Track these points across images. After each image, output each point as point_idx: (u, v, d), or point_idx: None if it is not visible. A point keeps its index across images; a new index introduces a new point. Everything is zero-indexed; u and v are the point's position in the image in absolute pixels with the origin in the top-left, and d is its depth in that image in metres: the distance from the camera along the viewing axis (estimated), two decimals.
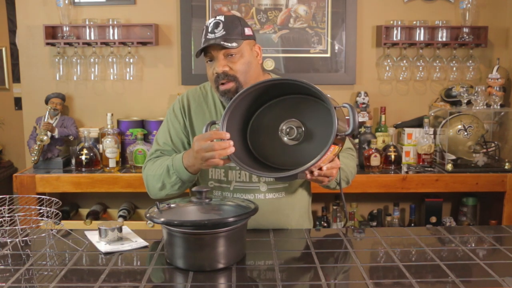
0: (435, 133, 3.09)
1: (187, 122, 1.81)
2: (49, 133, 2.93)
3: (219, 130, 1.55)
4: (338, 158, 1.61)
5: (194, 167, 1.64)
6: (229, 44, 1.64)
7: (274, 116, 1.64)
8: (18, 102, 4.42)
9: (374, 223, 3.14)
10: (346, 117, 1.49)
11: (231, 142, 1.52)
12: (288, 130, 1.57)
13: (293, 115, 1.60)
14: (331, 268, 1.42)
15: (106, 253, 1.53)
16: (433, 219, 3.08)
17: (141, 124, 3.15)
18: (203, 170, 1.75)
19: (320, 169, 1.50)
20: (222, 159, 1.53)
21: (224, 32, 1.65)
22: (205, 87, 1.87)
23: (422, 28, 3.15)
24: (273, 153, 1.64)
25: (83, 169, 2.93)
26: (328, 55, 3.23)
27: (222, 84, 1.68)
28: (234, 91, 1.67)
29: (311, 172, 1.50)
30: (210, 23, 1.68)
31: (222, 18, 1.68)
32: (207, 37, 1.67)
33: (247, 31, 1.71)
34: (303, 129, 1.57)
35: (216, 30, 1.65)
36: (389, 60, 3.21)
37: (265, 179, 1.74)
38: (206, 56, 1.70)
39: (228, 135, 1.53)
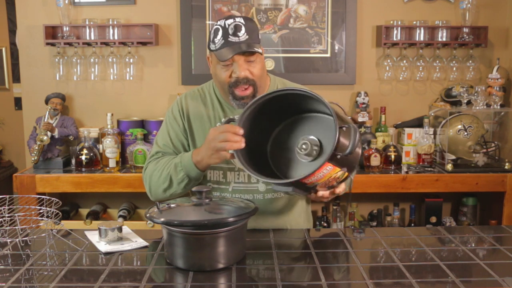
0: (435, 133, 3.09)
1: (186, 124, 1.80)
2: (49, 133, 2.93)
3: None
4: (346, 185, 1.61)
5: (203, 162, 1.62)
6: (256, 50, 1.63)
7: (294, 131, 1.65)
8: (18, 102, 4.41)
9: (374, 223, 3.14)
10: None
11: (243, 139, 1.52)
12: (304, 146, 1.57)
13: (313, 132, 1.59)
14: (331, 268, 1.42)
15: (106, 253, 1.53)
16: (433, 219, 3.08)
17: (141, 124, 3.15)
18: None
19: (316, 192, 1.51)
20: (230, 152, 1.53)
21: (248, 36, 1.63)
22: (203, 89, 1.85)
23: (422, 28, 3.15)
24: (287, 167, 1.65)
25: (83, 169, 2.93)
26: (328, 55, 3.23)
27: (245, 89, 1.66)
28: (252, 96, 1.67)
29: (313, 192, 1.51)
30: (229, 25, 1.63)
31: (242, 20, 1.65)
32: (229, 39, 1.62)
33: (260, 34, 1.72)
34: (319, 147, 1.56)
35: (239, 34, 1.62)
36: (389, 60, 3.21)
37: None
38: (223, 61, 1.65)
39: (242, 131, 1.52)
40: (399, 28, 3.15)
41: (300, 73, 3.23)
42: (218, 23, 1.66)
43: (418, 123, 3.15)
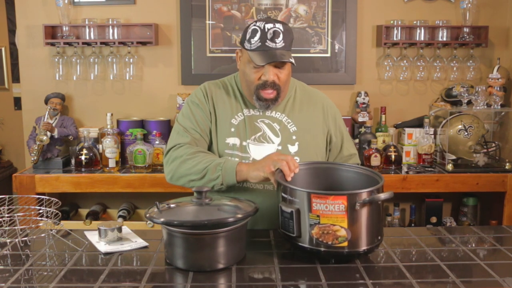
0: (435, 133, 3.09)
1: (210, 108, 1.81)
2: (48, 133, 2.93)
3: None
4: None
5: (243, 173, 1.64)
6: (291, 60, 1.68)
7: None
8: (17, 102, 4.41)
9: None
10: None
11: (297, 169, 1.56)
12: None
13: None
14: (331, 268, 1.41)
15: (106, 253, 1.52)
16: (434, 219, 3.07)
17: (141, 124, 3.14)
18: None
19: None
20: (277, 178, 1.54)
21: (284, 44, 1.69)
22: (225, 81, 1.89)
23: (422, 28, 3.15)
24: None
25: (83, 169, 2.93)
26: (328, 55, 3.23)
27: (268, 92, 1.71)
28: (275, 100, 1.73)
29: None
30: (269, 29, 1.67)
31: (281, 27, 1.69)
32: (266, 44, 1.66)
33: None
34: None
35: (277, 40, 1.67)
36: (389, 60, 3.20)
37: None
38: (260, 65, 1.69)
39: (298, 168, 1.57)
40: (399, 28, 3.15)
41: (300, 73, 3.22)
42: (257, 24, 1.69)
43: (418, 123, 3.15)
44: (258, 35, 1.67)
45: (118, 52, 3.22)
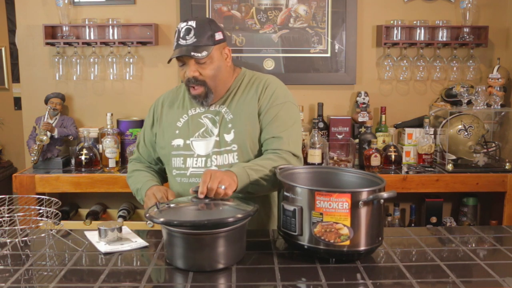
0: (435, 133, 3.09)
1: (156, 119, 1.93)
2: (48, 133, 2.93)
3: None
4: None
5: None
6: (199, 54, 1.72)
7: None
8: (17, 102, 4.41)
9: None
10: None
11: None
12: None
13: None
14: (331, 268, 1.41)
15: (106, 253, 1.53)
16: (434, 219, 3.07)
17: (141, 124, 3.14)
18: (168, 161, 1.86)
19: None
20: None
21: (195, 40, 1.73)
22: (181, 86, 1.97)
23: (422, 28, 3.15)
24: None
25: (83, 169, 2.93)
26: (328, 55, 3.23)
27: (193, 88, 1.78)
28: (204, 95, 1.78)
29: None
30: (182, 28, 1.75)
31: (193, 24, 1.75)
32: (179, 42, 1.74)
33: (218, 36, 1.77)
34: None
35: (187, 37, 1.73)
36: (389, 60, 3.20)
37: (216, 163, 1.77)
38: (179, 61, 1.77)
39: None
40: (399, 28, 3.15)
41: (300, 73, 3.23)
42: (178, 25, 1.79)
43: (418, 123, 3.15)
44: (175, 36, 1.77)
45: (118, 52, 3.22)
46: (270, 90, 1.81)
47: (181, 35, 1.74)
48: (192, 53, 1.70)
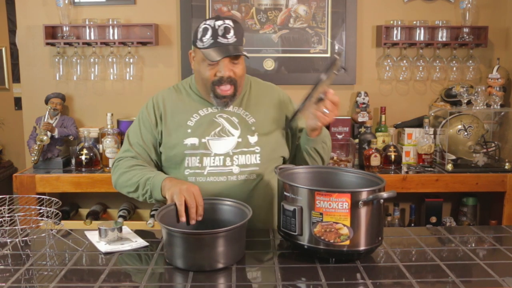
0: (435, 133, 3.09)
1: (159, 120, 1.85)
2: (49, 133, 2.93)
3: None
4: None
5: (165, 190, 1.65)
6: (243, 53, 1.71)
7: None
8: (18, 102, 4.42)
9: None
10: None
11: (200, 217, 1.55)
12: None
13: None
14: (331, 268, 1.42)
15: (106, 253, 1.53)
16: (433, 219, 3.07)
17: None
18: (179, 161, 1.79)
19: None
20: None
21: (236, 39, 1.71)
22: (178, 86, 1.92)
23: (422, 28, 3.15)
24: None
25: (83, 169, 2.93)
26: (328, 55, 3.23)
27: (225, 87, 1.74)
28: (232, 95, 1.77)
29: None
30: (219, 26, 1.70)
31: (231, 23, 1.72)
32: (218, 40, 1.69)
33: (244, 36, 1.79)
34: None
35: (228, 36, 1.70)
36: (389, 60, 3.21)
37: (238, 163, 1.78)
38: (215, 61, 1.71)
39: (202, 212, 1.55)
40: (399, 28, 3.15)
41: (300, 73, 3.23)
42: (208, 22, 1.73)
43: (418, 123, 3.15)
44: (209, 32, 1.70)
45: (118, 52, 3.22)
46: (287, 100, 1.94)
47: (220, 33, 1.69)
48: (243, 52, 1.71)
